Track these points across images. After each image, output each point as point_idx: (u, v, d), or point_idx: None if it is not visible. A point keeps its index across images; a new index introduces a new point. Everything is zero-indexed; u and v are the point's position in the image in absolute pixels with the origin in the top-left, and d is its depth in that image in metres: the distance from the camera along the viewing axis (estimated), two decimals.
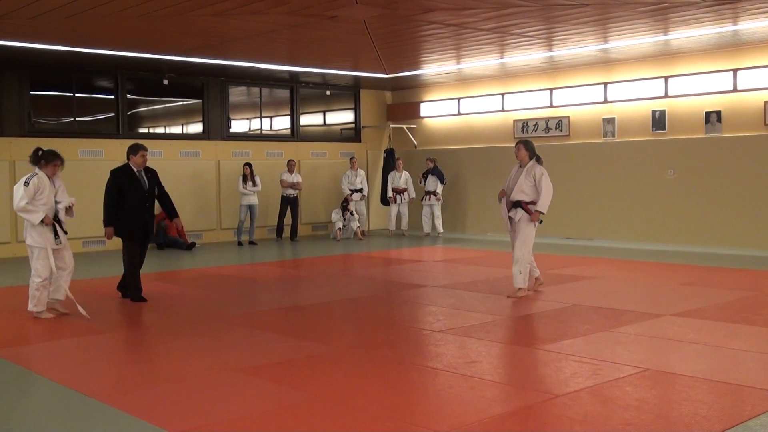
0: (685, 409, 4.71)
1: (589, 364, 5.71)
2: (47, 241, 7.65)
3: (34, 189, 7.56)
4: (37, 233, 7.64)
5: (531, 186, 8.51)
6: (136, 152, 8.78)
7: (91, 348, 6.61)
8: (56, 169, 7.78)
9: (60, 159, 7.81)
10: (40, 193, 7.61)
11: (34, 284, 7.69)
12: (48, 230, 7.68)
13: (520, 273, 8.61)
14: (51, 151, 7.80)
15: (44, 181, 7.66)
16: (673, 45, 12.47)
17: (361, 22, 10.25)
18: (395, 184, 16.76)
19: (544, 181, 8.43)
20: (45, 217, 7.59)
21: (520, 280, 8.64)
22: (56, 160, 7.77)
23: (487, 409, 4.79)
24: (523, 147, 8.66)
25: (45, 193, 7.64)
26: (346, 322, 7.82)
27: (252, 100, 17.06)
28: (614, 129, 14.52)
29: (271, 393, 5.20)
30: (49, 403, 5.05)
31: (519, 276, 8.63)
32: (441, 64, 14.31)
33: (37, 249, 7.66)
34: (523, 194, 8.56)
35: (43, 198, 7.62)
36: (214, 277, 10.83)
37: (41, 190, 7.61)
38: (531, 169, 8.53)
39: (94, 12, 9.33)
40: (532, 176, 8.50)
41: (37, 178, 7.64)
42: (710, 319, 7.32)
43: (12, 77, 13.56)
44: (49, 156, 7.73)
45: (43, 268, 7.65)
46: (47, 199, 7.65)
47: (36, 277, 7.68)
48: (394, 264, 12.19)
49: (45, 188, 7.65)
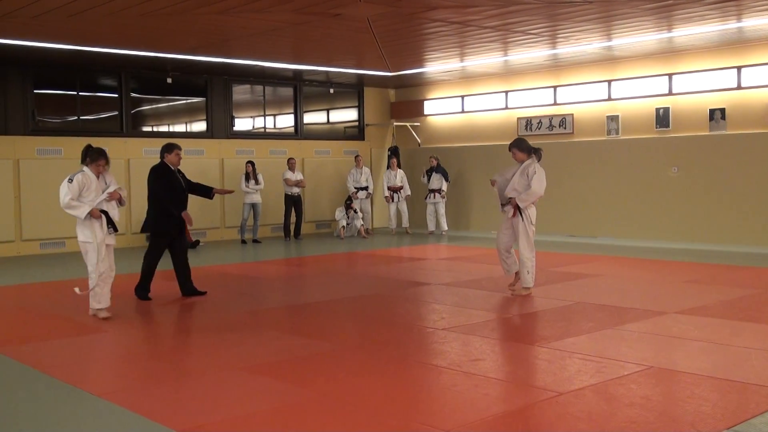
0: (689, 406, 4.70)
1: (593, 362, 5.71)
2: (98, 236, 7.52)
3: (79, 186, 7.46)
4: (88, 229, 7.54)
5: (524, 184, 8.48)
6: (171, 151, 8.89)
7: (95, 346, 6.63)
8: (100, 168, 7.65)
9: (105, 159, 7.67)
10: (86, 190, 7.51)
11: (93, 281, 7.61)
12: (98, 224, 7.55)
13: (528, 273, 8.63)
14: (98, 150, 7.68)
15: (90, 178, 7.56)
16: (677, 42, 12.45)
17: (365, 20, 10.24)
18: (391, 182, 16.76)
19: (535, 179, 8.39)
20: (92, 210, 7.48)
21: (529, 280, 8.65)
22: (100, 160, 7.64)
23: (490, 407, 4.79)
24: (517, 149, 8.63)
25: (91, 190, 7.54)
26: (349, 320, 7.82)
27: (255, 99, 17.07)
28: (618, 126, 14.49)
29: (275, 391, 5.20)
30: (54, 401, 5.06)
31: (528, 276, 8.64)
32: (444, 61, 14.30)
33: (90, 245, 7.56)
34: (515, 192, 8.56)
35: (90, 195, 7.52)
36: (217, 276, 10.83)
37: (86, 187, 7.51)
38: (527, 167, 8.51)
39: (97, 11, 9.34)
40: (527, 174, 8.49)
41: (82, 175, 7.54)
42: (714, 316, 7.30)
43: (16, 76, 13.58)
44: (95, 155, 7.62)
45: (101, 264, 7.57)
46: (94, 196, 7.54)
47: (93, 274, 7.59)
48: (398, 262, 12.19)
49: (91, 185, 7.54)
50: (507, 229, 8.78)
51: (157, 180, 8.76)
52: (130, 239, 14.61)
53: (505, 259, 8.85)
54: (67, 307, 8.44)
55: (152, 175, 8.83)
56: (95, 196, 7.56)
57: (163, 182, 8.73)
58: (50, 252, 13.67)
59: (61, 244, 13.83)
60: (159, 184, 8.74)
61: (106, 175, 7.74)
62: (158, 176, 8.78)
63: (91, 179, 7.57)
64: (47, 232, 13.68)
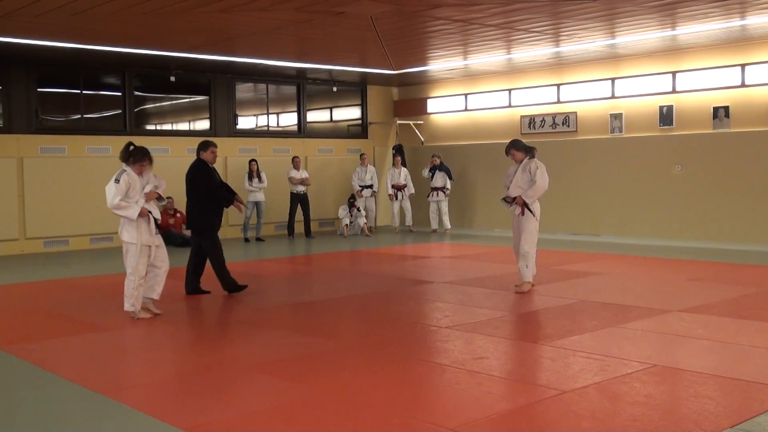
0: (693, 405, 4.70)
1: (596, 360, 5.71)
2: (143, 238, 7.43)
3: (126, 185, 7.34)
4: (134, 229, 7.40)
5: (527, 181, 8.70)
6: (206, 149, 8.92)
7: (99, 345, 6.64)
8: (143, 169, 7.51)
9: (148, 159, 7.53)
10: (131, 189, 7.41)
11: (132, 283, 7.45)
12: (145, 225, 7.46)
13: (527, 267, 8.74)
14: (140, 149, 7.51)
15: (133, 177, 7.44)
16: (681, 40, 12.43)
17: (368, 18, 10.24)
18: (394, 180, 16.77)
19: (539, 174, 8.63)
20: (142, 210, 7.39)
21: (528, 274, 8.75)
22: (144, 160, 7.49)
23: (494, 405, 4.79)
24: (515, 150, 8.83)
25: (136, 189, 7.44)
26: (352, 318, 7.82)
27: (259, 97, 17.07)
28: (621, 124, 14.48)
29: (278, 389, 5.20)
30: (58, 399, 5.07)
31: (526, 270, 8.75)
32: (448, 60, 14.29)
33: (134, 246, 7.43)
34: (520, 189, 8.74)
35: (135, 195, 7.42)
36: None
37: (131, 186, 7.40)
38: (527, 165, 8.73)
39: (100, 9, 9.35)
40: (528, 171, 8.70)
41: (126, 174, 7.40)
42: (718, 315, 7.30)
43: (20, 74, 13.59)
44: (138, 155, 7.45)
45: (141, 266, 7.45)
46: (138, 196, 7.45)
47: (133, 275, 7.45)
48: (401, 260, 12.19)
49: (135, 185, 7.44)
50: (518, 231, 8.89)
51: (202, 177, 8.76)
52: None
53: None
54: (71, 305, 8.45)
55: (193, 173, 8.83)
56: (140, 196, 7.45)
57: (208, 178, 8.77)
58: (54, 250, 13.69)
59: (65, 242, 13.85)
60: (205, 180, 8.76)
61: (145, 173, 7.59)
62: (201, 173, 8.77)
63: (135, 178, 7.45)
64: (51, 230, 13.70)
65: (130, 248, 7.46)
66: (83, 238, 14.07)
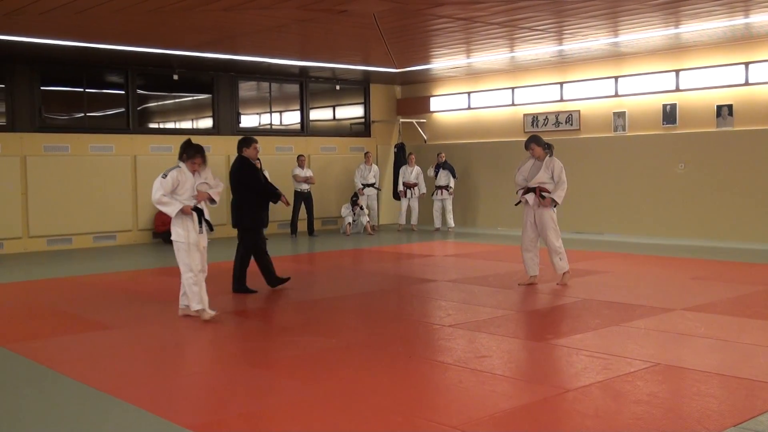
0: (696, 403, 4.70)
1: (599, 359, 5.70)
2: (190, 237, 7.29)
3: (172, 182, 7.19)
4: (181, 227, 7.29)
5: (549, 177, 8.99)
6: (249, 145, 8.89)
7: (101, 343, 6.64)
8: (195, 166, 7.35)
9: (201, 156, 7.35)
10: (180, 187, 7.24)
11: (189, 280, 7.29)
12: (191, 223, 7.30)
13: (561, 260, 9.05)
14: (195, 147, 7.38)
15: (185, 174, 7.28)
16: (684, 38, 12.41)
17: (371, 17, 10.24)
18: (406, 178, 16.76)
19: (563, 176, 8.98)
20: (183, 207, 7.24)
21: (563, 265, 9.06)
22: (196, 157, 7.32)
23: (497, 403, 4.79)
24: (535, 144, 9.05)
25: (186, 187, 7.27)
26: (356, 317, 7.83)
27: (262, 95, 17.08)
28: (625, 123, 14.46)
29: (281, 388, 5.21)
30: (61, 397, 5.08)
31: (560, 263, 9.06)
32: (451, 58, 14.28)
33: (182, 244, 7.31)
34: (540, 183, 9.02)
35: (185, 194, 7.26)
36: (224, 273, 10.83)
37: (181, 184, 7.23)
38: (549, 163, 8.99)
39: (103, 7, 9.35)
40: (551, 170, 8.97)
41: (177, 171, 7.26)
42: (722, 313, 7.29)
43: (23, 73, 13.61)
44: (190, 151, 7.32)
45: (194, 262, 7.30)
46: (189, 195, 7.29)
47: (188, 272, 7.30)
48: (404, 259, 12.19)
49: (186, 183, 7.26)
50: (529, 229, 9.13)
51: (249, 174, 8.74)
52: (136, 236, 14.64)
53: (531, 258, 9.16)
54: (75, 303, 8.46)
55: (239, 171, 8.80)
56: (191, 194, 7.30)
57: (254, 175, 8.76)
58: (57, 248, 13.70)
59: (68, 240, 13.87)
60: (252, 177, 8.74)
61: (202, 171, 7.44)
62: (246, 170, 8.74)
63: (187, 176, 7.28)
64: (54, 228, 13.72)
65: (179, 247, 7.33)
66: (86, 237, 14.08)
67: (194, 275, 7.28)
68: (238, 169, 8.81)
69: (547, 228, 8.99)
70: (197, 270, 7.32)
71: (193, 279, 7.27)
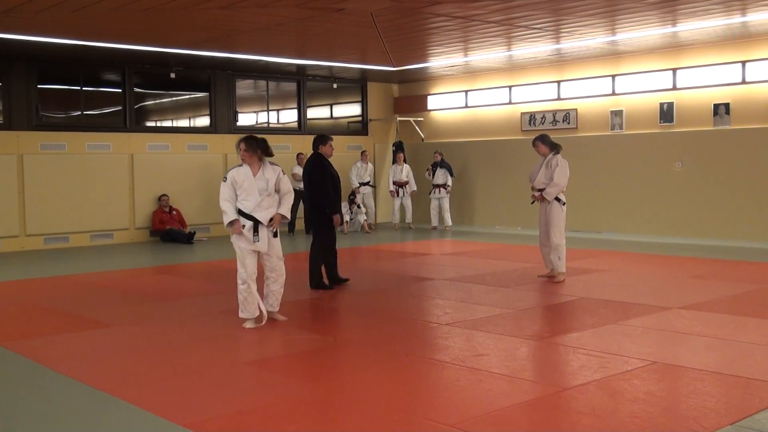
0: (693, 402, 4.70)
1: (596, 357, 5.71)
2: (242, 244, 6.86)
3: (231, 184, 6.74)
4: (236, 236, 6.89)
5: (549, 176, 9.18)
6: (325, 142, 8.84)
7: (99, 341, 6.64)
8: (247, 159, 6.79)
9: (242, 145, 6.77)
10: (239, 187, 6.76)
11: (239, 289, 6.95)
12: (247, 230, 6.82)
13: (560, 259, 9.18)
14: (243, 138, 6.85)
15: (243, 174, 6.75)
16: (682, 37, 12.41)
17: (369, 15, 10.23)
18: (396, 177, 16.76)
19: (557, 171, 9.11)
20: (234, 226, 6.77)
21: (561, 266, 9.17)
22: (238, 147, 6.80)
23: (494, 401, 4.79)
24: (541, 143, 9.33)
25: (244, 188, 6.75)
26: (353, 315, 7.82)
27: (259, 93, 17.06)
28: (622, 121, 14.47)
29: (278, 386, 5.21)
30: (58, 395, 5.07)
31: (559, 262, 9.18)
32: (448, 56, 14.28)
33: (238, 250, 6.92)
34: (543, 184, 9.24)
35: (242, 194, 6.75)
36: (221, 271, 10.83)
37: (239, 184, 6.74)
38: (550, 160, 9.21)
39: (100, 6, 9.34)
40: (550, 167, 9.17)
41: (235, 171, 6.76)
42: (719, 312, 7.30)
43: (20, 71, 13.59)
44: (237, 143, 6.82)
45: (243, 270, 6.87)
46: (252, 195, 6.75)
47: (238, 280, 6.95)
48: (402, 257, 12.19)
49: (244, 182, 6.74)
50: (543, 223, 9.37)
51: (317, 172, 8.69)
52: (133, 234, 14.62)
53: (547, 253, 9.37)
54: (71, 301, 8.46)
55: (311, 169, 8.77)
56: (254, 195, 6.75)
57: (321, 174, 8.70)
58: (54, 247, 13.69)
59: (65, 239, 13.85)
60: (317, 176, 8.68)
61: (265, 170, 6.88)
62: (315, 169, 8.69)
63: (245, 176, 6.75)
64: (51, 227, 13.70)
65: (236, 252, 6.96)
66: (83, 235, 14.07)
67: (243, 285, 6.87)
68: (312, 166, 8.78)
69: (552, 224, 9.20)
70: (245, 279, 6.87)
71: (242, 289, 6.89)
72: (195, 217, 15.25)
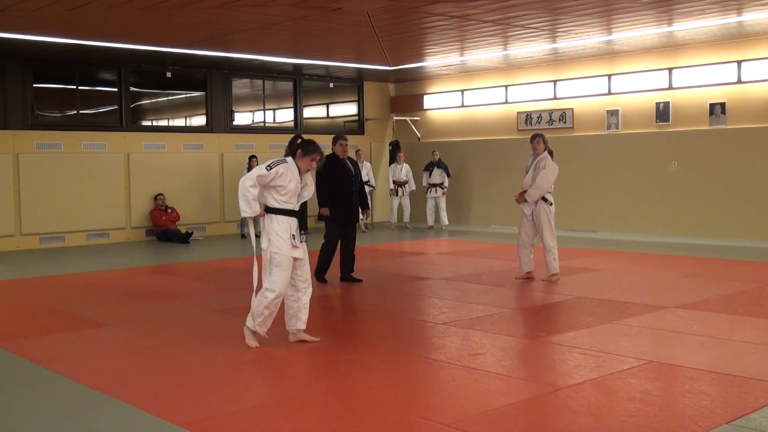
0: (688, 401, 4.71)
1: (592, 356, 5.71)
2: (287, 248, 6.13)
3: (273, 177, 6.04)
4: (278, 236, 6.10)
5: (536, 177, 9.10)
6: (335, 143, 9.25)
7: (95, 341, 6.62)
8: (313, 165, 6.28)
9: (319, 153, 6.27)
10: (281, 186, 6.11)
11: (266, 300, 6.04)
12: (289, 227, 6.19)
13: (554, 260, 9.15)
14: (313, 142, 6.30)
15: (293, 173, 6.14)
16: (678, 36, 12.43)
17: (365, 14, 10.23)
18: (396, 176, 16.77)
19: (542, 173, 9.02)
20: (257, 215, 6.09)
21: (555, 266, 9.15)
22: (316, 153, 6.23)
23: (490, 401, 4.79)
24: (542, 141, 9.24)
25: (289, 188, 6.12)
26: (349, 314, 7.82)
27: (255, 93, 17.05)
28: (618, 121, 14.48)
29: (274, 385, 5.20)
30: (53, 395, 5.06)
31: (553, 263, 9.15)
32: (444, 56, 14.28)
33: (277, 256, 6.07)
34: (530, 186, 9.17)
35: (287, 194, 6.13)
36: (217, 270, 10.83)
37: (284, 181, 6.08)
38: (540, 161, 9.11)
39: (96, 4, 9.32)
40: (539, 168, 9.08)
41: (284, 166, 6.07)
42: (714, 311, 7.31)
43: (15, 70, 13.56)
44: (308, 147, 6.23)
45: (281, 281, 6.05)
46: (292, 196, 6.19)
47: (270, 292, 6.03)
48: (398, 256, 12.19)
49: (291, 182, 6.13)
50: (526, 226, 9.29)
51: (322, 171, 8.81)
52: (129, 234, 14.60)
53: (527, 255, 9.31)
54: (67, 301, 8.44)
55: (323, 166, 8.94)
56: (293, 197, 6.21)
57: (325, 173, 8.94)
58: (50, 246, 13.66)
59: (61, 238, 13.83)
60: (321, 175, 8.92)
61: (307, 175, 6.36)
62: (324, 167, 8.76)
63: (294, 175, 6.15)
64: (47, 226, 13.68)
65: (273, 259, 6.12)
66: (79, 235, 14.04)
67: (275, 298, 6.05)
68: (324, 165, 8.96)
69: (543, 226, 9.14)
70: (281, 292, 6.09)
71: (273, 301, 6.05)
72: (191, 216, 15.23)
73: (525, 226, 9.28)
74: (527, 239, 9.28)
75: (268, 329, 6.21)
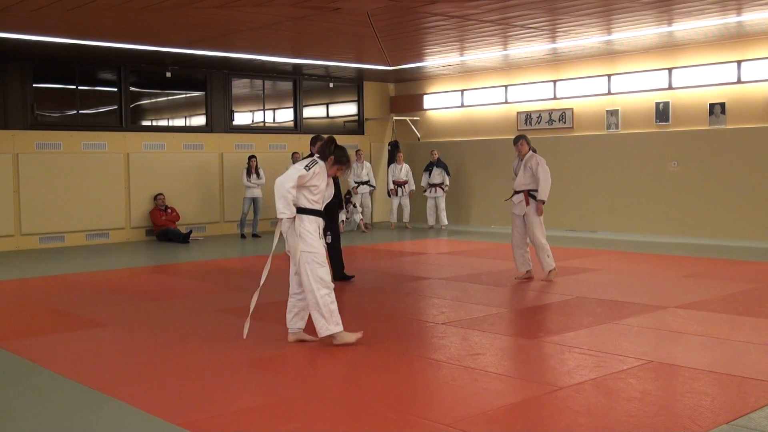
0: (688, 401, 4.71)
1: (592, 356, 5.71)
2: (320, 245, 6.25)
3: (310, 178, 6.14)
4: (311, 235, 6.20)
5: (530, 176, 9.18)
6: (314, 143, 9.14)
7: (95, 341, 6.62)
8: (341, 172, 6.45)
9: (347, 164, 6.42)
10: (314, 186, 6.20)
11: (328, 298, 6.16)
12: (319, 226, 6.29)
13: (549, 257, 9.22)
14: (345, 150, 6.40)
15: (323, 175, 6.25)
16: (677, 36, 12.43)
17: (365, 14, 10.23)
18: (396, 176, 16.77)
19: (541, 170, 9.10)
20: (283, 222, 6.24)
21: (550, 263, 9.21)
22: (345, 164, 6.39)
23: (490, 401, 4.79)
24: (525, 142, 9.34)
25: (320, 188, 6.25)
26: (349, 315, 7.80)
27: (255, 93, 17.05)
28: (618, 121, 14.48)
29: (275, 385, 5.20)
30: (53, 395, 5.06)
31: (548, 260, 9.23)
32: (444, 56, 14.28)
33: (314, 254, 6.19)
34: (524, 185, 9.24)
35: (318, 194, 6.25)
36: (216, 270, 10.83)
37: (317, 182, 6.19)
38: (528, 160, 9.20)
39: (96, 4, 9.32)
40: (530, 167, 9.15)
41: (319, 166, 6.19)
42: (714, 311, 7.31)
43: (15, 70, 13.56)
44: (342, 156, 6.32)
45: (327, 276, 6.21)
46: (320, 197, 6.30)
47: (324, 289, 6.16)
48: (398, 256, 12.19)
49: (321, 183, 6.25)
50: (518, 226, 9.36)
51: None
52: (129, 234, 14.61)
53: (522, 255, 9.38)
54: (67, 301, 8.44)
55: None
56: (320, 198, 6.29)
57: None
58: (49, 246, 13.66)
59: (61, 238, 13.83)
60: None
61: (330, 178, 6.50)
62: None
63: (323, 176, 6.25)
64: (46, 226, 13.67)
65: (308, 259, 6.23)
66: (79, 234, 14.04)
67: (330, 291, 6.22)
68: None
69: (534, 225, 9.19)
70: (332, 285, 6.27)
71: (329, 295, 6.19)
72: (191, 216, 15.23)
73: (517, 226, 9.35)
74: (521, 239, 9.35)
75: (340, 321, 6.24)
